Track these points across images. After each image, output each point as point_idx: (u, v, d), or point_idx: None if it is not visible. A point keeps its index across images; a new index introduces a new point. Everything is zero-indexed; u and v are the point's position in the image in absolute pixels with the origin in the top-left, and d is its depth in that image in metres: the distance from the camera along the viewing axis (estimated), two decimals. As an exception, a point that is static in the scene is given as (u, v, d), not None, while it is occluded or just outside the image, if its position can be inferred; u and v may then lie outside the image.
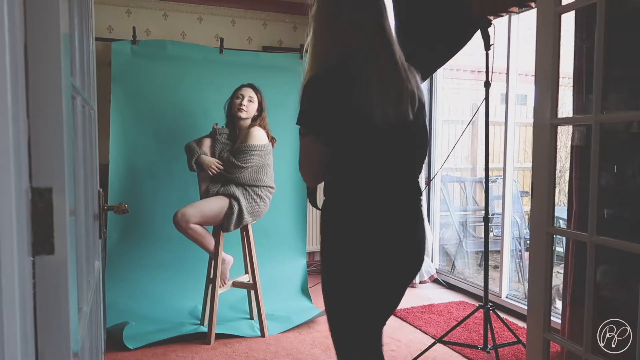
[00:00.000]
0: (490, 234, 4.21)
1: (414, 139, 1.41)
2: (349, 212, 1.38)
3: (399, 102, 1.34)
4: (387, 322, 1.53)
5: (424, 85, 4.27)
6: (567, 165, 2.76)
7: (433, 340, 2.90)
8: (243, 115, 3.07)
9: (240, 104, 3.06)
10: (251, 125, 3.08)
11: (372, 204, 1.37)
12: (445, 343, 2.91)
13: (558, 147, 1.63)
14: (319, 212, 1.49)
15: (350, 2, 1.36)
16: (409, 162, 1.42)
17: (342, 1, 1.37)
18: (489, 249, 2.81)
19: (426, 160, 4.26)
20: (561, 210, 3.75)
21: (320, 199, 1.55)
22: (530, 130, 2.91)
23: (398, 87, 1.34)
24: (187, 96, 3.65)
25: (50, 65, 0.75)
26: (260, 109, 3.13)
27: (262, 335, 3.10)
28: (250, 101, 3.09)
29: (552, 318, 1.66)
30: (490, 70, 2.66)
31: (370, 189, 1.37)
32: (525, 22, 3.50)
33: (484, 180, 2.78)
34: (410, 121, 1.36)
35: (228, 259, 3.17)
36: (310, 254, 4.44)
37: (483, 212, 2.76)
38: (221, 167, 3.06)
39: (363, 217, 1.36)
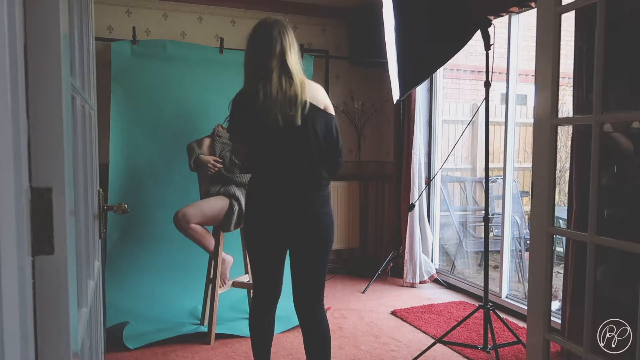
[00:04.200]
0: (490, 234, 4.21)
1: (301, 136, 1.91)
2: (253, 184, 2.05)
3: (288, 110, 1.88)
4: (387, 322, 1.53)
5: (424, 85, 4.27)
6: (567, 165, 2.76)
7: (433, 340, 2.90)
8: None
9: None
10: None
11: (263, 182, 1.99)
12: (445, 343, 2.91)
13: (558, 147, 1.63)
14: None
15: (250, 50, 2.01)
16: (301, 153, 1.92)
17: (248, 49, 2.03)
18: (489, 249, 2.81)
19: (426, 160, 4.33)
20: (561, 210, 3.75)
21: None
22: (530, 130, 2.91)
23: (282, 101, 1.89)
24: (187, 96, 3.64)
25: (50, 65, 0.75)
26: None
27: (262, 335, 3.10)
28: None
29: (552, 318, 1.66)
30: (490, 70, 2.66)
31: (263, 171, 1.99)
32: (525, 22, 3.50)
33: (484, 180, 2.78)
34: (299, 125, 1.88)
35: (228, 259, 3.17)
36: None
37: (483, 212, 2.76)
38: (219, 165, 3.06)
39: (258, 187, 2.02)
